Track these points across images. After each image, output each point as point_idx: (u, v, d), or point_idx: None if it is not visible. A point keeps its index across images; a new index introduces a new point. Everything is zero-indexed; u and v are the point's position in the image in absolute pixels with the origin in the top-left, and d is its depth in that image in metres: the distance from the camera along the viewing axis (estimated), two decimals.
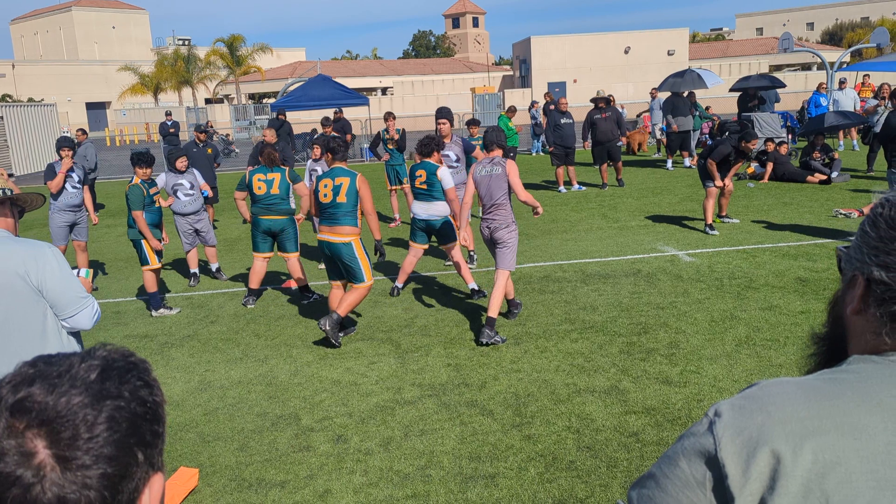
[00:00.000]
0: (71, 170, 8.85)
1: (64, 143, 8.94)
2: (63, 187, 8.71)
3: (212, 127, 30.49)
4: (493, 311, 6.23)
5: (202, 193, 8.85)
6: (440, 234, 7.63)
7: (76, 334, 3.20)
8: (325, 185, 6.37)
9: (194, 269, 8.98)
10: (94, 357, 0.89)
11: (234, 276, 9.30)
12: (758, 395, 1.00)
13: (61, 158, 8.79)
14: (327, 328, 6.18)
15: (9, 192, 3.09)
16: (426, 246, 7.85)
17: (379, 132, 12.02)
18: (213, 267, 9.17)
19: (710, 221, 9.98)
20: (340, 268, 6.46)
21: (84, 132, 15.25)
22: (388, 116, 12.07)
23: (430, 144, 7.61)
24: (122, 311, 8.01)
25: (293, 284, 8.29)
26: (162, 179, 8.65)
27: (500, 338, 6.22)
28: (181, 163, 8.66)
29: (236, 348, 6.57)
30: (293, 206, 7.86)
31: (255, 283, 7.83)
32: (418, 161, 7.81)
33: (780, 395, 0.99)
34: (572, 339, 6.23)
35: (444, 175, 7.41)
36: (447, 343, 6.34)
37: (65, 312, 3.02)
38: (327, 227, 6.36)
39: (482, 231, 6.68)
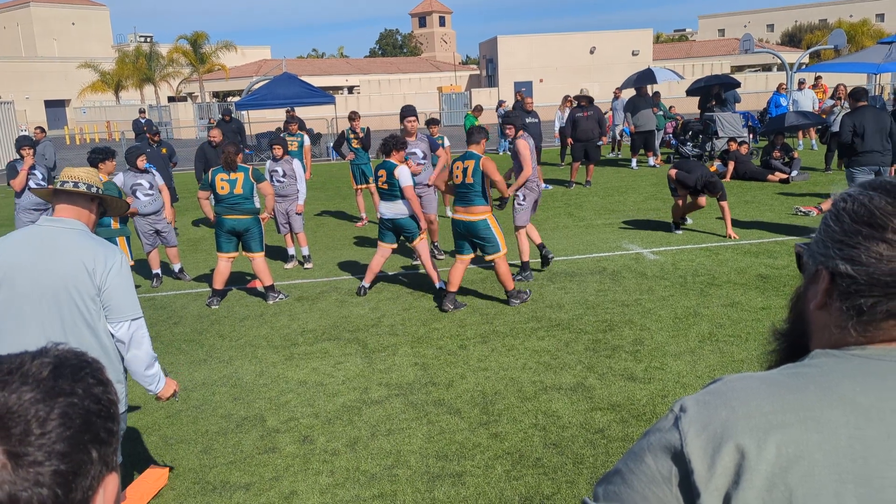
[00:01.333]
0: (33, 167, 8.66)
1: (24, 142, 8.78)
2: (27, 185, 8.54)
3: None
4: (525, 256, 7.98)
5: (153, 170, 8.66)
6: (407, 231, 7.62)
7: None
8: (458, 167, 7.01)
9: (156, 269, 8.84)
10: (47, 355, 0.87)
11: (197, 276, 9.18)
12: (722, 391, 1.00)
13: (22, 158, 8.63)
14: (449, 308, 7.06)
15: (98, 191, 3.23)
16: (394, 245, 7.82)
17: (343, 131, 11.95)
18: (176, 268, 9.04)
19: (676, 220, 10.09)
20: (473, 243, 7.13)
21: (42, 130, 14.92)
22: (354, 116, 12.01)
23: (389, 143, 7.62)
24: None
25: (258, 285, 8.21)
26: (120, 179, 8.40)
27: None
28: (142, 161, 8.49)
29: (200, 349, 6.48)
30: (258, 205, 7.78)
31: (219, 283, 7.74)
32: (382, 160, 7.82)
33: (744, 389, 0.99)
34: (539, 337, 6.26)
35: (402, 173, 7.43)
36: (414, 342, 6.33)
37: (114, 316, 3.14)
38: (462, 207, 7.01)
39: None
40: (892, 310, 0.98)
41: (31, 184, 8.56)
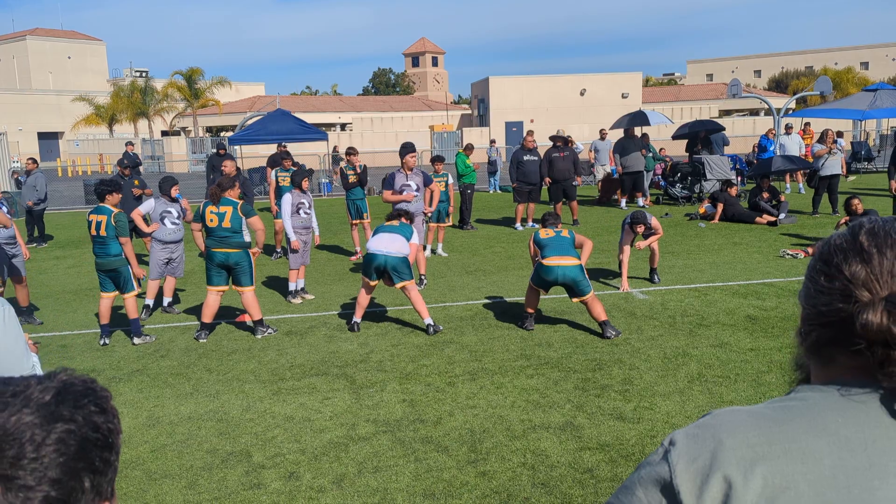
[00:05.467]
0: (0, 202, 8.64)
1: None
2: None
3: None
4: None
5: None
6: (396, 273, 7.58)
7: None
8: (547, 232, 7.70)
9: (150, 300, 8.81)
10: (53, 380, 0.87)
11: (186, 309, 9.13)
12: (710, 424, 1.03)
13: None
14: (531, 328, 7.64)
15: None
16: (377, 282, 7.81)
17: (342, 168, 12.06)
18: (166, 301, 9.00)
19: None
20: (568, 287, 7.41)
21: (34, 161, 14.96)
22: (352, 151, 12.12)
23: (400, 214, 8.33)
24: (69, 344, 7.79)
25: (247, 319, 8.17)
26: (150, 205, 8.73)
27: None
28: (175, 190, 8.83)
29: (187, 383, 6.42)
30: (247, 239, 7.78)
31: (208, 316, 7.70)
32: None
33: (732, 422, 1.02)
34: (528, 375, 6.25)
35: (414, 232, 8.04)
36: (402, 378, 6.30)
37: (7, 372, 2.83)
38: (557, 255, 7.35)
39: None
40: (824, 340, 1.04)
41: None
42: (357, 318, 7.83)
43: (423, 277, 9.88)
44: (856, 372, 1.02)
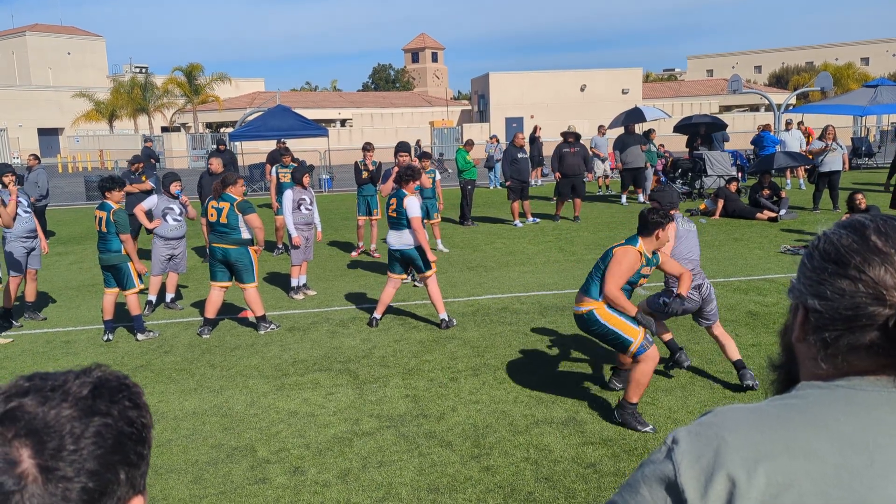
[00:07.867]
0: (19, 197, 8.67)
1: (6, 169, 8.52)
2: (16, 214, 8.41)
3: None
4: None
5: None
6: (414, 263, 7.67)
7: None
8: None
9: (153, 296, 8.83)
10: (89, 375, 0.90)
11: (189, 305, 9.15)
12: (713, 422, 1.04)
13: (5, 186, 8.44)
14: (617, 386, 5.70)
15: None
16: (403, 276, 7.86)
17: (356, 162, 12.03)
18: (169, 297, 9.02)
19: None
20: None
21: (36, 157, 14.93)
22: (368, 147, 12.07)
23: (407, 174, 7.77)
24: (73, 340, 7.82)
25: (250, 314, 8.20)
26: (153, 201, 8.74)
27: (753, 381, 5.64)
28: (175, 187, 8.83)
29: (191, 379, 6.45)
30: (247, 235, 7.77)
31: (211, 312, 7.73)
32: (393, 190, 8.02)
33: (734, 421, 1.03)
34: (530, 371, 6.27)
35: (411, 204, 7.63)
36: (405, 374, 6.33)
37: None
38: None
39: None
40: (853, 343, 1.03)
41: (20, 211, 8.43)
42: (377, 315, 7.84)
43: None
44: (862, 371, 1.03)
